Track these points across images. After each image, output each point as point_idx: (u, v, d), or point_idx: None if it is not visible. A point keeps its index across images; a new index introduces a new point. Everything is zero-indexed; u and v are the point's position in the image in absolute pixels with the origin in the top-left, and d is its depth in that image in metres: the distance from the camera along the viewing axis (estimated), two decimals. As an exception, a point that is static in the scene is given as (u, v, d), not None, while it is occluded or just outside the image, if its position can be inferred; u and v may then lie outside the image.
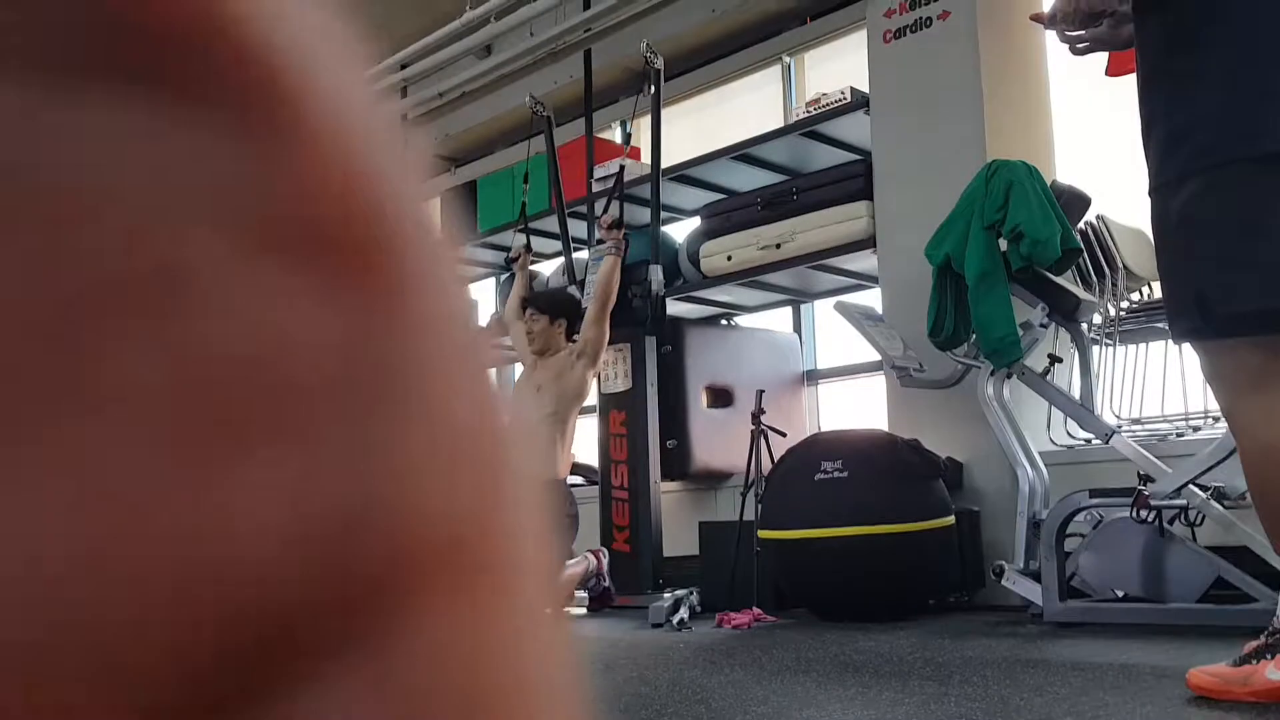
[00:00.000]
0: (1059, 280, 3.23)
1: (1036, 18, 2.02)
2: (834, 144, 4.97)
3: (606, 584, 4.43)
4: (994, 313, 3.19)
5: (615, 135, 6.60)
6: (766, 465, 3.84)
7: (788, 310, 5.62)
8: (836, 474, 3.30)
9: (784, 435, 3.93)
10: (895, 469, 3.34)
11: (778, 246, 4.78)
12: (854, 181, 4.54)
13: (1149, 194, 1.75)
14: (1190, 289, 1.67)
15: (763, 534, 3.50)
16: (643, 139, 5.89)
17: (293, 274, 0.12)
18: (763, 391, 4.03)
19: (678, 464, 4.83)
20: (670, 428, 4.77)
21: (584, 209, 5.45)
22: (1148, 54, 1.74)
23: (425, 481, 0.13)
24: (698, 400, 4.93)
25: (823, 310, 5.55)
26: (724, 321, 5.35)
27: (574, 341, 4.52)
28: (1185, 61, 1.66)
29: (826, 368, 5.53)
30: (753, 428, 3.93)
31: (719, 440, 4.97)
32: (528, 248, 4.99)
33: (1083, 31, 1.86)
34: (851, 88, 4.61)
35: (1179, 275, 1.71)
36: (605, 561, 4.48)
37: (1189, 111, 1.65)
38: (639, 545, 4.60)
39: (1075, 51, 1.91)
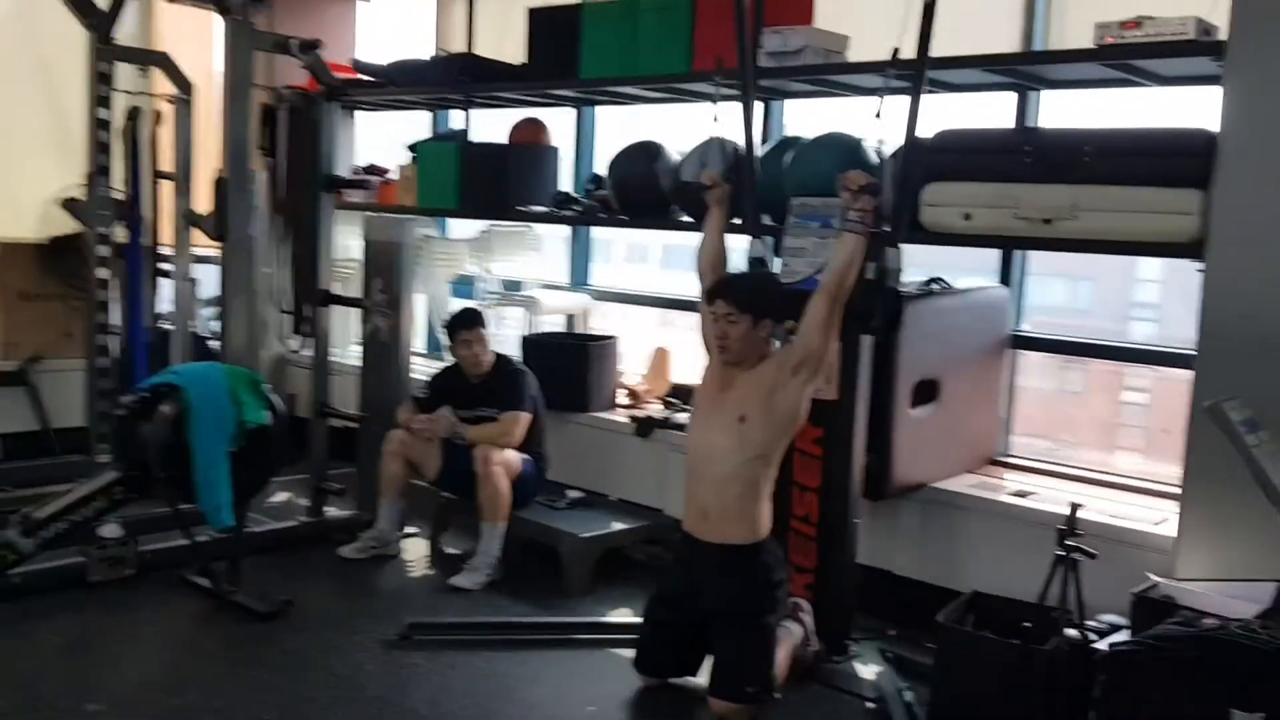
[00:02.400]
0: None
1: None
2: (1153, 79, 3.62)
3: (815, 647, 3.51)
4: None
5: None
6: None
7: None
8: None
9: (1094, 557, 2.91)
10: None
11: (1047, 222, 3.54)
12: (1185, 160, 3.27)
13: None
14: None
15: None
16: None
17: None
18: (1077, 505, 2.95)
19: (873, 483, 3.80)
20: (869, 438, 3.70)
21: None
22: None
23: None
24: (903, 400, 3.83)
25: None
26: (934, 285, 4.13)
27: (778, 340, 3.35)
28: None
29: (1041, 336, 4.41)
30: (1060, 552, 2.89)
31: (923, 446, 3.93)
32: (731, 176, 3.71)
33: None
34: (1197, 19, 3.24)
35: None
36: (809, 618, 3.53)
37: None
38: (828, 593, 3.64)
39: None
